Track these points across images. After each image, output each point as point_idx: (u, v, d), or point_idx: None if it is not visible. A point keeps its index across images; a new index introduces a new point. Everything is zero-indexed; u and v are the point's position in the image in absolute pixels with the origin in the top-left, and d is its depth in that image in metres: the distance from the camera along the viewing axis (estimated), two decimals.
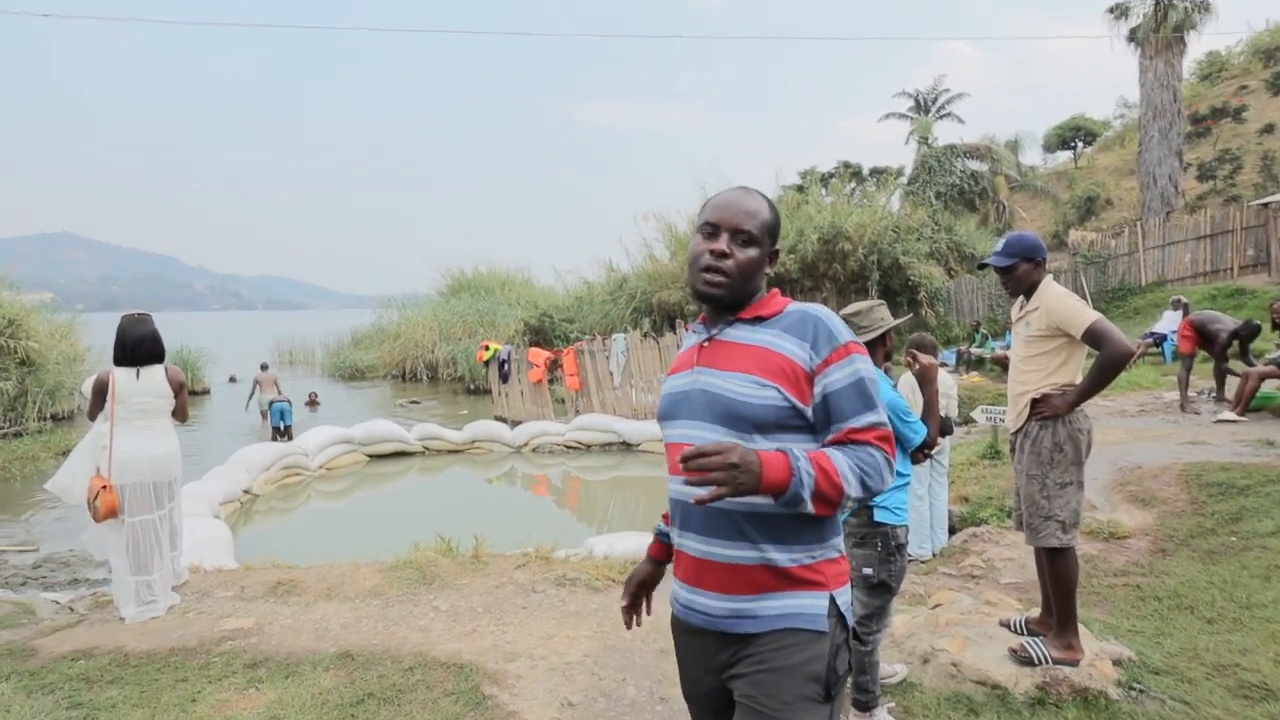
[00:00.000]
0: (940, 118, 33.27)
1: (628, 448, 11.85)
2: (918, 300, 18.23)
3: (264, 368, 15.94)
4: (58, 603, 4.85)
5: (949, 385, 5.67)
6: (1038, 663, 3.04)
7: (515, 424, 13.23)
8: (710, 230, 1.58)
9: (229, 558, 5.91)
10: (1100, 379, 2.99)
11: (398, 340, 26.12)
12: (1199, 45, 44.64)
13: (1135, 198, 24.89)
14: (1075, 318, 2.97)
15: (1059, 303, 3.03)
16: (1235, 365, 8.74)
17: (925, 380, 3.09)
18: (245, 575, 4.97)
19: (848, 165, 30.67)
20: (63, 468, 4.45)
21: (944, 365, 12.88)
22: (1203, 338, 8.69)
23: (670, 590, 1.72)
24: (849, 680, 2.91)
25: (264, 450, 9.88)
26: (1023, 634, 3.29)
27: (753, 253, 1.56)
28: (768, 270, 1.63)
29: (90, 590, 5.40)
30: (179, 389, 4.56)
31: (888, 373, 3.12)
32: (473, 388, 21.27)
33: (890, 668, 3.22)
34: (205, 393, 20.82)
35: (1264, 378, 7.83)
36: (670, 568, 1.70)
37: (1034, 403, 3.12)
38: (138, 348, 4.43)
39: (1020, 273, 3.17)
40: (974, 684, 3.05)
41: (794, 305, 1.59)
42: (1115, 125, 35.41)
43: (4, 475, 10.79)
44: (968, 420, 9.47)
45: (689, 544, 1.56)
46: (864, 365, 1.52)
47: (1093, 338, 2.94)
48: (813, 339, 1.51)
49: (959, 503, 6.44)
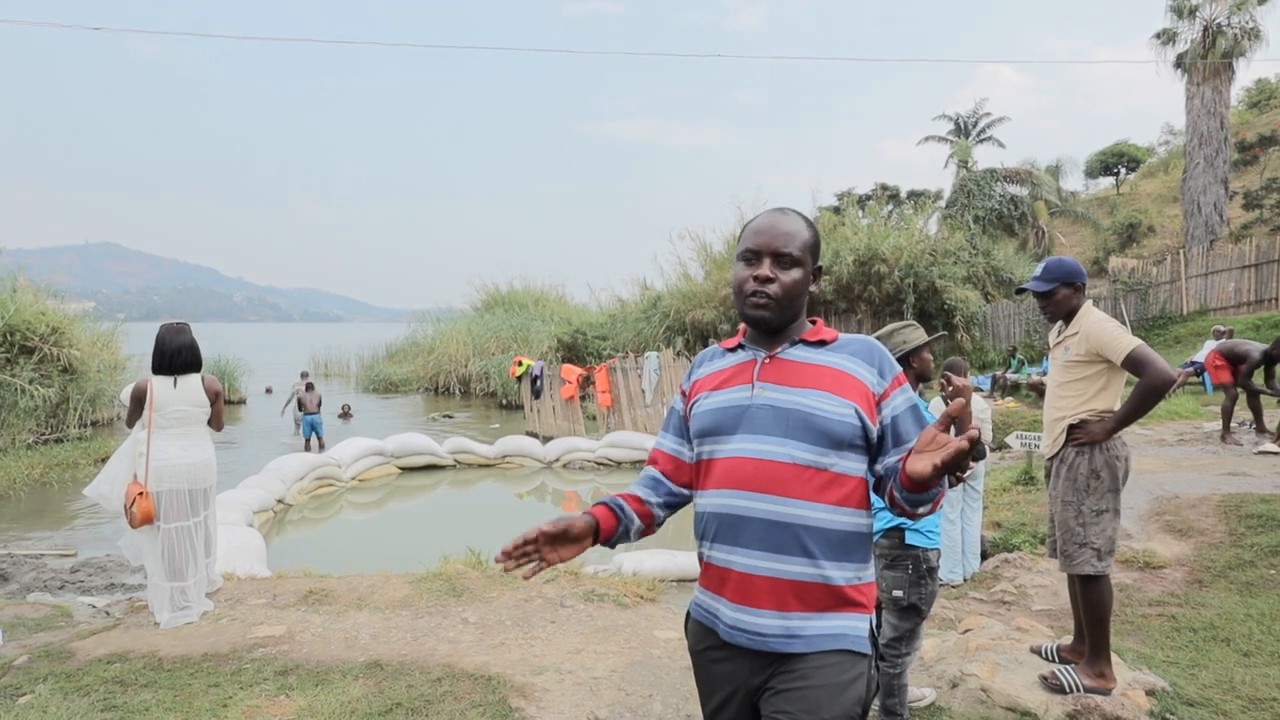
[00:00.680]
0: (980, 141, 33.06)
1: None
2: (953, 324, 18.04)
3: (304, 376, 16.06)
4: (94, 606, 4.96)
5: (983, 410, 5.60)
6: (1069, 690, 2.99)
7: (546, 439, 13.29)
8: (751, 256, 1.61)
9: (262, 566, 6.00)
10: (1140, 406, 2.94)
11: (432, 354, 26.40)
12: (1248, 73, 43.90)
13: (1178, 225, 24.47)
14: (1115, 344, 2.94)
15: (1098, 328, 3.00)
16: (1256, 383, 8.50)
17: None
18: (278, 583, 5.04)
19: (885, 187, 30.53)
20: (101, 474, 4.55)
21: (979, 390, 12.71)
22: (1234, 364, 8.50)
23: (690, 611, 1.71)
24: (877, 702, 2.89)
25: (298, 460, 10.02)
26: (1054, 661, 3.23)
27: (796, 274, 1.59)
28: (813, 288, 1.66)
29: (126, 595, 5.51)
30: (215, 398, 4.66)
31: (922, 395, 3.10)
32: (505, 403, 21.41)
33: (919, 691, 3.18)
34: (241, 403, 21.19)
35: None
36: (698, 586, 1.69)
37: (1071, 428, 3.08)
38: (176, 357, 4.54)
39: (1059, 298, 3.14)
40: (1003, 710, 3.00)
41: (847, 335, 1.65)
42: (1160, 151, 34.92)
43: (44, 481, 11.03)
44: (1002, 445, 9.32)
45: (737, 559, 1.54)
46: (911, 392, 1.62)
47: (1133, 364, 2.90)
48: (879, 366, 1.59)
49: (992, 528, 6.34)
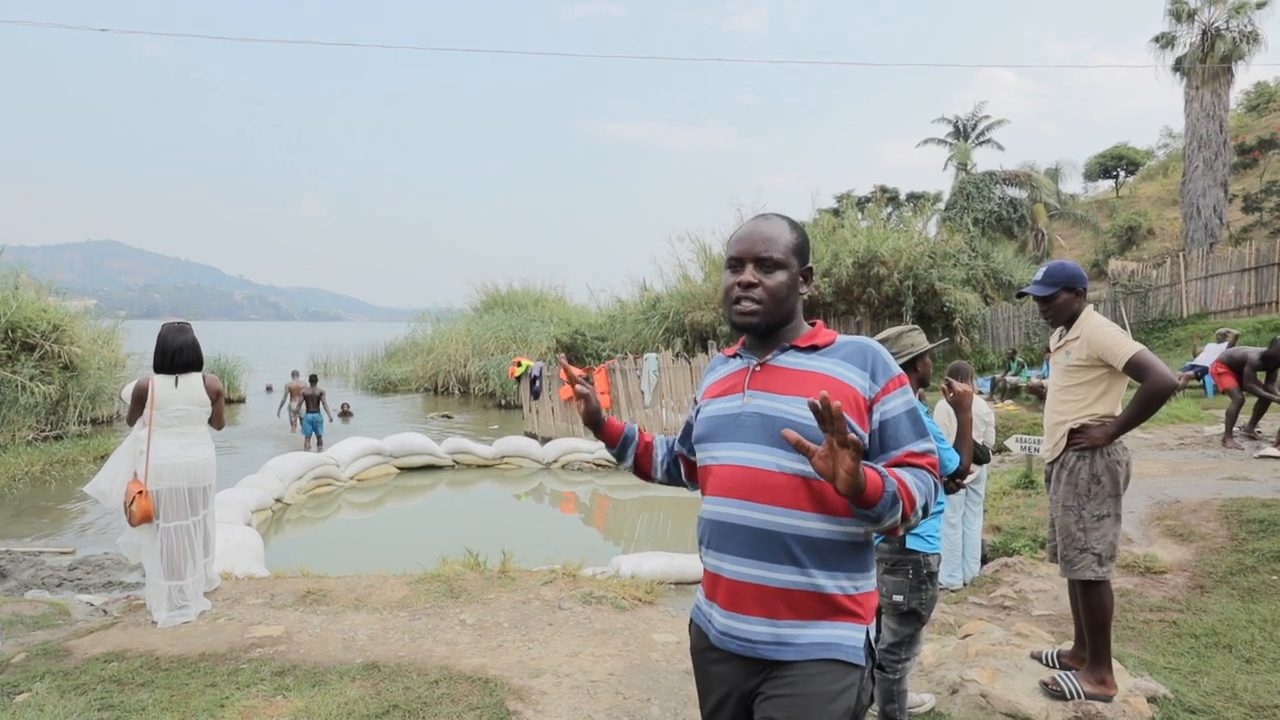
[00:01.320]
0: (979, 144, 33.07)
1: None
2: (953, 327, 18.03)
3: (294, 375, 16.25)
4: (92, 605, 4.95)
5: (987, 413, 5.59)
6: (1070, 697, 2.98)
7: (545, 440, 13.28)
8: (735, 263, 1.62)
9: (260, 565, 5.99)
10: (1142, 411, 2.93)
11: (431, 354, 26.40)
12: (1247, 76, 43.95)
13: (1178, 228, 24.49)
14: (1117, 348, 2.93)
15: (1099, 333, 3.00)
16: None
17: (960, 407, 3.07)
18: (275, 583, 5.03)
19: (884, 190, 30.54)
20: (101, 472, 4.54)
21: (980, 393, 12.71)
22: (1236, 370, 8.50)
23: (692, 614, 1.72)
24: (876, 708, 2.88)
25: (296, 460, 10.02)
26: (1055, 667, 3.22)
27: (781, 276, 1.59)
28: (803, 290, 1.65)
29: (124, 593, 5.50)
30: (216, 397, 4.65)
31: (922, 399, 3.10)
32: (504, 403, 21.41)
33: (918, 697, 3.17)
34: (241, 401, 21.17)
35: None
36: (699, 588, 1.70)
37: (1072, 433, 3.08)
38: (177, 356, 4.53)
39: (1060, 302, 3.14)
40: (1004, 716, 2.99)
41: (845, 337, 1.63)
42: (1159, 155, 34.97)
43: (44, 478, 11.03)
44: (1001, 449, 9.32)
45: (726, 566, 1.55)
46: (912, 395, 1.58)
47: (1135, 369, 2.89)
48: (871, 369, 1.56)
49: (991, 532, 6.34)
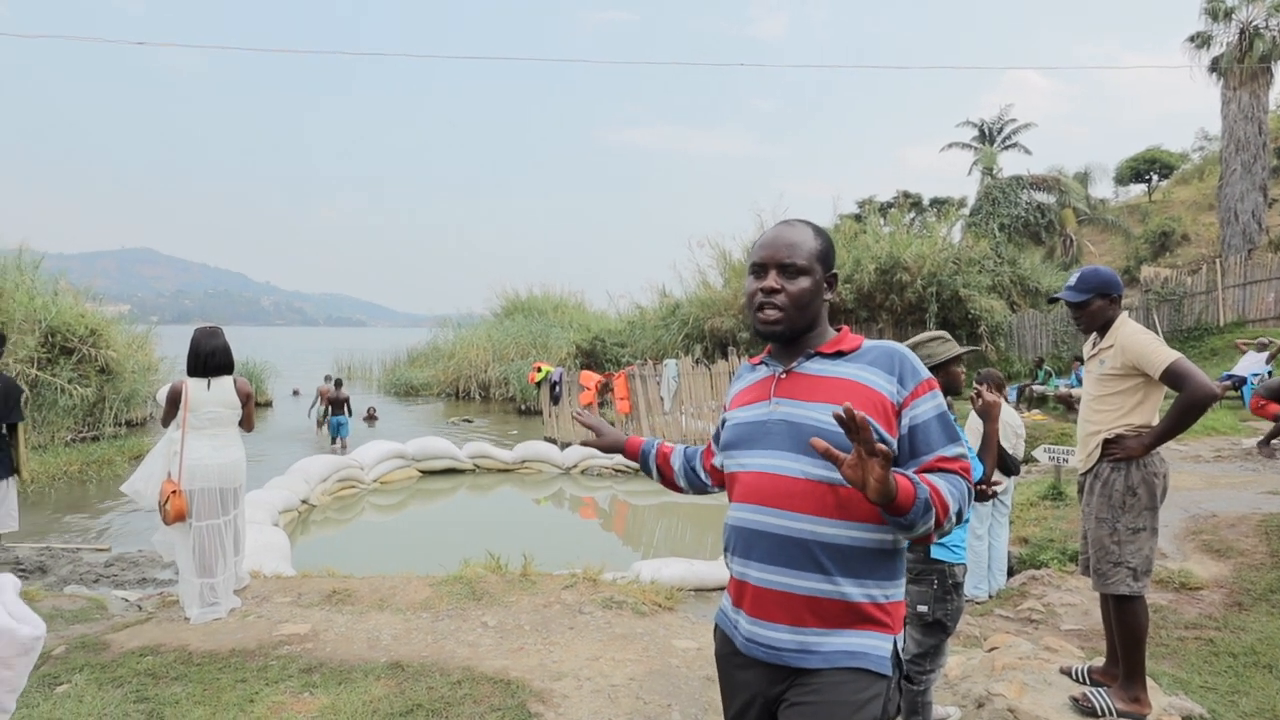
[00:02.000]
0: (1006, 148, 32.77)
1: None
2: (978, 334, 17.85)
3: (327, 379, 16.57)
4: (127, 600, 5.04)
5: (1017, 423, 5.52)
6: (1101, 714, 2.93)
7: (565, 445, 13.31)
8: (759, 270, 1.62)
9: (287, 565, 6.06)
10: (1180, 421, 2.87)
11: (452, 359, 26.54)
12: None
13: (1214, 234, 24.07)
14: (1153, 357, 2.88)
15: (1135, 340, 2.95)
16: None
17: (987, 417, 3.04)
18: (302, 582, 5.09)
19: (907, 195, 30.35)
20: (137, 472, 4.63)
21: (1007, 401, 12.58)
22: (1277, 399, 8.36)
23: (716, 619, 1.72)
24: None
25: (322, 462, 10.12)
26: (1085, 683, 3.17)
27: (804, 283, 1.59)
28: (828, 296, 1.65)
29: (158, 590, 5.60)
30: (246, 400, 4.72)
31: (950, 408, 3.07)
32: (524, 408, 21.48)
33: (943, 710, 3.13)
34: (268, 405, 21.42)
35: None
36: (725, 594, 1.70)
37: (1106, 444, 3.02)
38: (210, 359, 4.61)
39: (1094, 309, 3.09)
40: None
41: (871, 341, 1.62)
42: (1194, 158, 34.35)
43: (81, 477, 11.23)
44: (1029, 459, 9.21)
45: (752, 573, 1.55)
46: (942, 399, 1.57)
47: (1173, 378, 2.83)
48: (899, 373, 1.54)
49: (1018, 544, 6.26)
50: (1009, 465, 5.33)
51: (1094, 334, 3.17)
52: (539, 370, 16.64)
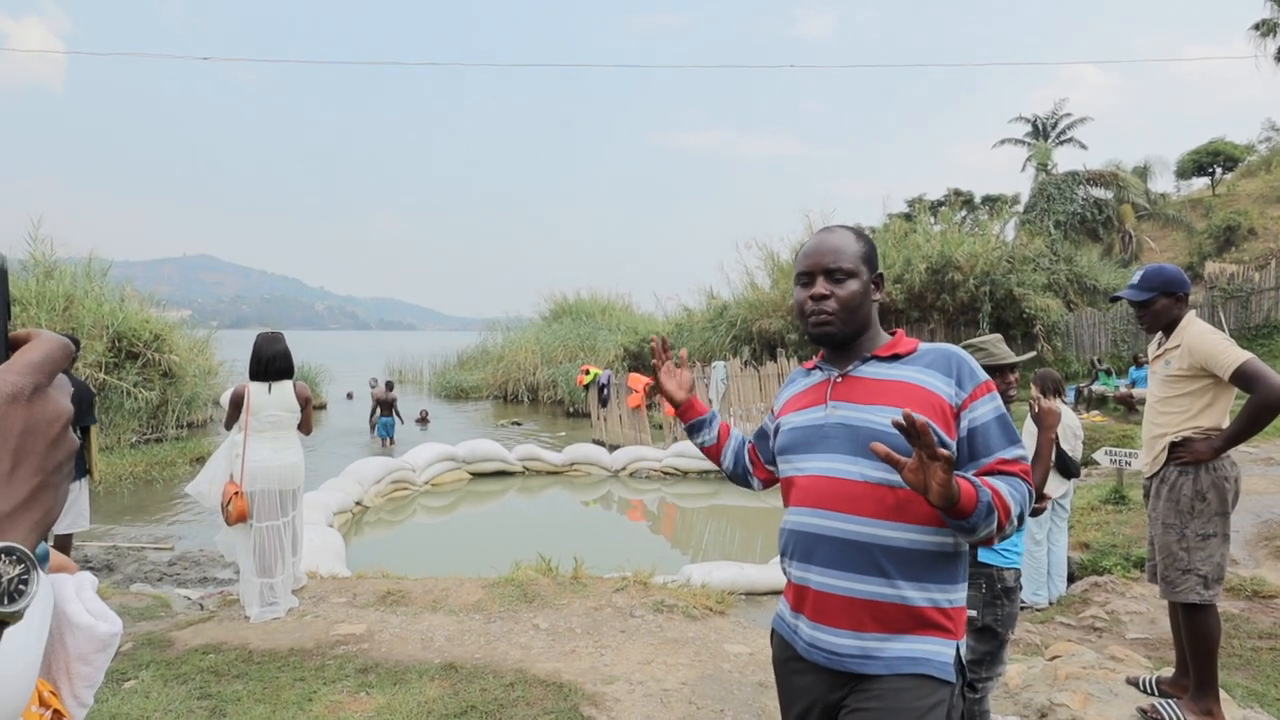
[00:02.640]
0: (1060, 143, 31.92)
1: (725, 476, 11.74)
2: (1033, 334, 17.43)
3: (373, 384, 17.16)
4: (190, 599, 5.19)
5: (1076, 425, 5.37)
6: None
7: (613, 448, 13.34)
8: (806, 279, 1.63)
9: (342, 566, 6.18)
10: (1252, 424, 2.77)
11: (501, 362, 26.80)
12: None
13: None
14: (1222, 357, 2.78)
15: (1202, 340, 2.85)
16: None
17: (1042, 426, 2.96)
18: (357, 583, 5.18)
19: (958, 193, 29.78)
20: (201, 473, 4.77)
21: (1065, 402, 12.25)
22: None
23: (774, 624, 1.71)
24: None
25: (375, 464, 10.30)
26: (1153, 695, 3.07)
27: (853, 286, 1.59)
28: (876, 298, 1.64)
29: (219, 589, 5.75)
30: (305, 403, 4.83)
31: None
32: (572, 411, 21.59)
33: None
34: (322, 407, 21.89)
35: None
36: (782, 600, 1.69)
37: (1174, 447, 2.93)
38: (271, 364, 4.73)
39: (1158, 308, 3.00)
40: None
41: (928, 344, 1.61)
42: (1260, 149, 33.09)
43: (146, 478, 11.61)
44: (1089, 462, 8.96)
45: (813, 578, 1.54)
46: (1000, 401, 1.55)
47: (1244, 379, 2.73)
48: (957, 375, 1.53)
49: (1079, 549, 6.09)
50: (1069, 468, 5.21)
51: (1159, 334, 3.07)
52: (587, 373, 16.70)
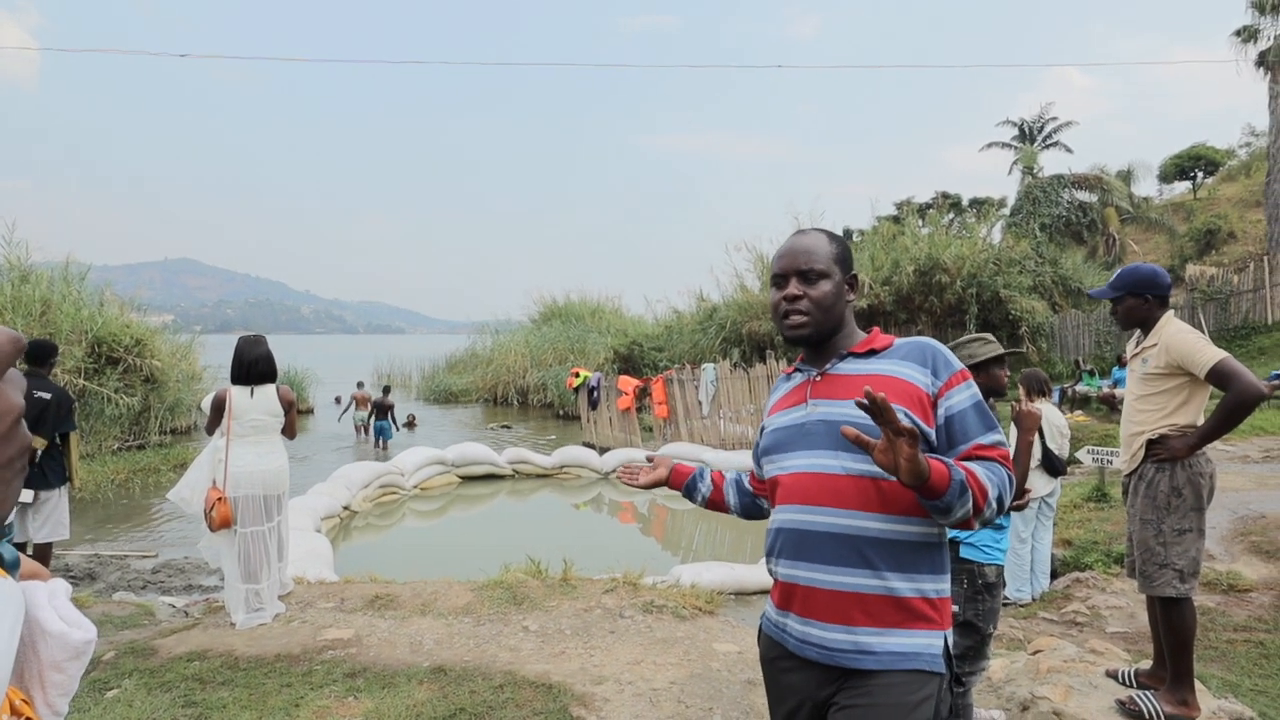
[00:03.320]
0: (1046, 147, 32.21)
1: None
2: (1019, 335, 17.57)
3: (359, 386, 17.21)
4: (174, 606, 5.16)
5: (1062, 424, 5.43)
6: (1149, 717, 2.87)
7: (603, 450, 13.35)
8: (779, 280, 1.66)
9: (330, 571, 6.16)
10: (1226, 421, 2.82)
11: (490, 365, 26.78)
12: None
13: (1261, 230, 23.41)
14: (1198, 355, 2.83)
15: (1179, 339, 2.89)
16: None
17: (1021, 427, 2.99)
18: (345, 588, 5.17)
19: (946, 196, 30.00)
20: (183, 479, 4.73)
21: (1051, 403, 12.35)
22: None
23: (761, 624, 1.72)
24: None
25: (363, 469, 10.27)
26: (1132, 686, 3.11)
27: (825, 286, 1.62)
28: (850, 298, 1.67)
29: (204, 596, 5.72)
30: (289, 407, 4.80)
31: (992, 408, 3.04)
32: (562, 414, 21.59)
33: (987, 714, 3.09)
34: (309, 412, 21.79)
35: None
36: (768, 600, 1.71)
37: (1150, 444, 2.98)
38: (253, 368, 4.70)
39: (1126, 306, 3.07)
40: None
41: (903, 339, 1.64)
42: (1240, 154, 33.50)
43: (128, 485, 11.52)
44: (1072, 461, 9.04)
45: (801, 574, 1.55)
46: (976, 389, 1.58)
47: (1219, 377, 2.78)
48: (932, 364, 1.56)
49: (1061, 546, 6.15)
50: (1056, 466, 5.26)
51: (1137, 332, 3.13)
52: (577, 375, 16.72)
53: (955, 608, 2.77)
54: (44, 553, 5.16)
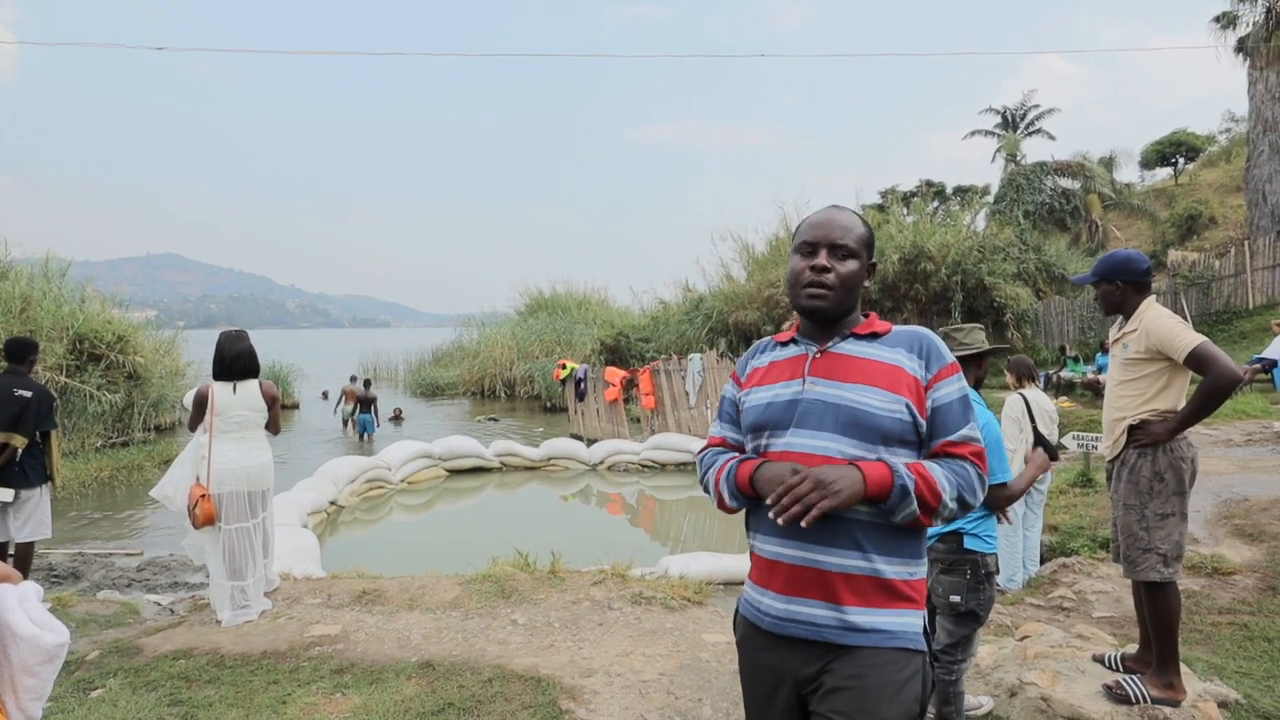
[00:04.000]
0: (1029, 134, 32.37)
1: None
2: (1004, 322, 17.66)
3: (352, 380, 17.21)
4: (159, 604, 5.11)
5: (1051, 409, 5.46)
6: (1135, 701, 2.89)
7: (591, 442, 13.34)
8: (809, 249, 1.64)
9: (316, 566, 6.12)
10: (1204, 405, 2.85)
11: (477, 358, 26.69)
12: None
13: (1242, 216, 23.62)
14: (1177, 340, 2.84)
15: (1159, 324, 2.91)
16: None
17: (1032, 464, 2.96)
18: (332, 584, 5.14)
19: (930, 184, 30.10)
20: (165, 476, 4.69)
21: (1038, 387, 12.42)
22: None
23: (740, 607, 1.71)
24: (932, 710, 2.84)
25: (349, 463, 10.22)
26: (1118, 670, 3.13)
27: (852, 265, 1.63)
28: (866, 284, 1.68)
29: (189, 593, 5.67)
30: (272, 403, 4.77)
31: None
32: (549, 406, 21.56)
33: (976, 700, 3.11)
34: (295, 407, 21.65)
35: None
36: (748, 582, 1.70)
37: (1132, 429, 3.00)
38: (235, 363, 4.66)
39: (1101, 291, 3.11)
40: None
41: (900, 327, 1.65)
42: (1221, 140, 33.75)
43: (112, 483, 11.41)
44: (1059, 447, 9.10)
45: (792, 552, 1.55)
46: (964, 383, 1.60)
47: (1197, 362, 2.80)
48: (925, 356, 1.58)
49: (1048, 532, 6.19)
50: (1048, 452, 5.28)
51: (1119, 318, 3.14)
52: (564, 367, 16.69)
53: (957, 598, 2.77)
54: (26, 552, 5.11)
